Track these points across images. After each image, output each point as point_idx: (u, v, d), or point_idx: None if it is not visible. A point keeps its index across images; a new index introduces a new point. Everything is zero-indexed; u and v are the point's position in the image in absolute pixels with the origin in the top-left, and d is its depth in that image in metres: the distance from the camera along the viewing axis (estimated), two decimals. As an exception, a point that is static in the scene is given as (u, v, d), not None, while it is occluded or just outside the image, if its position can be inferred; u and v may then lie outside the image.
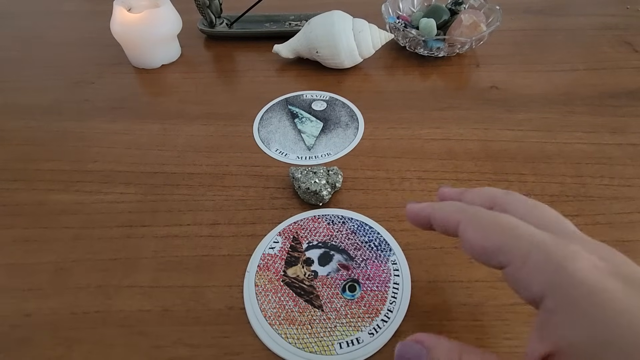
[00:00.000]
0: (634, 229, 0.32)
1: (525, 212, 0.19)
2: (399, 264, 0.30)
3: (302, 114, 0.43)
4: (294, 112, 0.44)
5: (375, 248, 0.31)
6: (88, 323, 0.28)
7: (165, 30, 0.49)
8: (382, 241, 0.31)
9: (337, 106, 0.44)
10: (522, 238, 0.17)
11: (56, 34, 0.58)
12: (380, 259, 0.30)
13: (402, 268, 0.30)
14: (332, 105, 0.44)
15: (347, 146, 0.39)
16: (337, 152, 0.39)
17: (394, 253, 0.31)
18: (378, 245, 0.31)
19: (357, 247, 0.31)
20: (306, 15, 0.56)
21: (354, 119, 0.42)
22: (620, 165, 0.37)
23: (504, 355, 0.25)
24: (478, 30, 0.47)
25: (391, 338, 0.26)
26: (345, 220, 0.33)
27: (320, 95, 0.46)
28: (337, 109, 0.44)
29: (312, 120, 0.43)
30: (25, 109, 0.45)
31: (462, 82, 0.47)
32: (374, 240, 0.31)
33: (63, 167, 0.38)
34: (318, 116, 0.43)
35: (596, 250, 0.17)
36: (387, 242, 0.31)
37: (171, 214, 0.34)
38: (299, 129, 0.42)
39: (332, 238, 0.32)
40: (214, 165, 0.38)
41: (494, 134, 0.40)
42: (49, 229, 0.33)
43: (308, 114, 0.43)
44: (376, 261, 0.30)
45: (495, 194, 0.22)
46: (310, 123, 0.42)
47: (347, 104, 0.44)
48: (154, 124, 0.43)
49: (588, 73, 0.47)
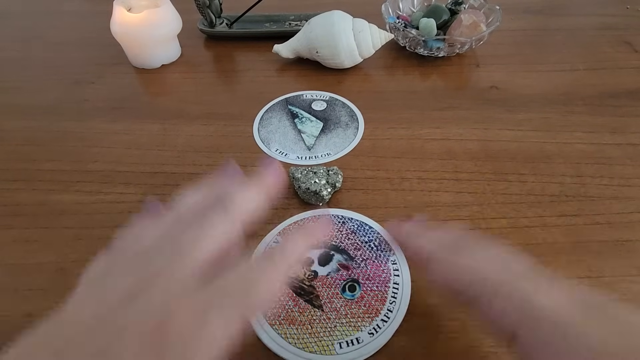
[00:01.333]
0: (633, 228, 0.32)
1: (483, 255, 0.20)
2: (399, 263, 0.30)
3: (302, 114, 0.43)
4: (294, 112, 0.44)
5: (375, 248, 0.31)
6: (88, 323, 0.28)
7: (165, 30, 0.49)
8: (382, 241, 0.31)
9: (337, 106, 0.44)
10: (487, 280, 0.18)
11: (56, 34, 0.58)
12: (380, 259, 0.30)
13: (402, 268, 0.30)
14: (332, 105, 0.44)
15: (347, 146, 0.39)
16: (337, 152, 0.39)
17: (394, 253, 0.31)
18: (378, 245, 0.31)
19: (357, 247, 0.31)
20: (306, 15, 0.56)
21: (354, 119, 0.42)
22: (620, 165, 0.37)
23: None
24: (478, 30, 0.47)
25: (391, 338, 0.26)
26: (345, 220, 0.33)
27: (320, 95, 0.46)
28: (337, 109, 0.44)
29: (312, 120, 0.42)
30: (25, 109, 0.45)
31: (462, 82, 0.47)
32: (373, 240, 0.32)
33: (63, 167, 0.38)
34: (318, 116, 0.43)
35: (553, 284, 0.18)
36: (387, 242, 0.31)
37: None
38: (299, 129, 0.41)
39: (332, 238, 0.32)
40: (214, 165, 0.38)
41: (494, 134, 0.40)
42: (49, 229, 0.33)
43: (308, 114, 0.43)
44: (376, 261, 0.30)
45: (456, 236, 0.22)
46: (310, 123, 0.42)
47: (347, 104, 0.44)
48: (154, 124, 0.43)
49: (588, 73, 0.47)
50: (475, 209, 0.34)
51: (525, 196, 0.34)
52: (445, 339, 0.26)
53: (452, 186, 0.35)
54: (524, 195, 0.34)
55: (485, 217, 0.33)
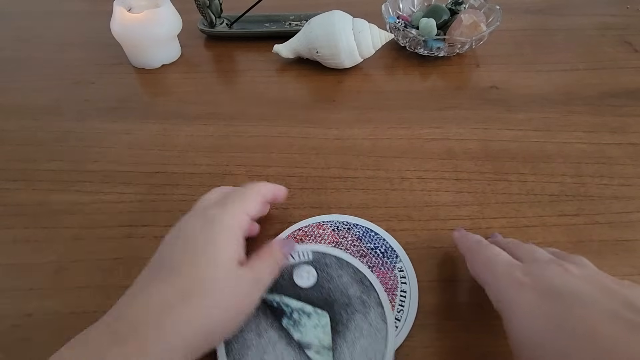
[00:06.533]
0: (633, 228, 0.32)
1: (514, 250, 0.26)
2: (406, 271, 0.29)
3: (288, 305, 0.26)
4: (273, 306, 0.26)
5: (382, 255, 0.30)
6: (88, 323, 0.27)
7: (165, 30, 0.49)
8: (388, 247, 0.31)
9: (331, 267, 0.28)
10: (498, 265, 0.24)
11: (56, 34, 0.58)
12: (387, 266, 0.30)
13: (409, 275, 0.29)
14: (324, 268, 0.28)
15: (384, 349, 0.24)
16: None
17: (401, 260, 0.30)
18: (384, 252, 0.31)
19: (363, 254, 0.30)
20: (306, 15, 0.56)
21: (367, 287, 0.27)
22: (620, 165, 0.37)
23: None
24: (478, 30, 0.47)
25: (400, 346, 0.26)
26: (350, 227, 0.32)
27: (301, 254, 0.29)
28: (333, 273, 0.28)
29: (308, 311, 0.26)
30: (25, 109, 0.45)
31: (462, 82, 0.47)
32: (380, 247, 0.31)
33: (63, 167, 0.38)
34: (313, 299, 0.26)
35: (532, 271, 0.23)
36: (393, 249, 0.31)
37: (171, 213, 0.34)
38: (297, 341, 0.25)
39: (337, 245, 0.31)
40: (214, 165, 0.38)
41: (494, 134, 0.40)
42: (49, 229, 0.33)
43: (297, 300, 0.27)
44: (382, 268, 0.30)
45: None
46: (307, 320, 0.26)
47: (341, 257, 0.29)
48: (154, 124, 0.43)
49: (588, 73, 0.47)
50: (475, 208, 0.34)
51: (525, 196, 0.34)
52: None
53: (452, 186, 0.35)
54: (524, 195, 0.34)
55: (485, 217, 0.33)
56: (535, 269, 0.22)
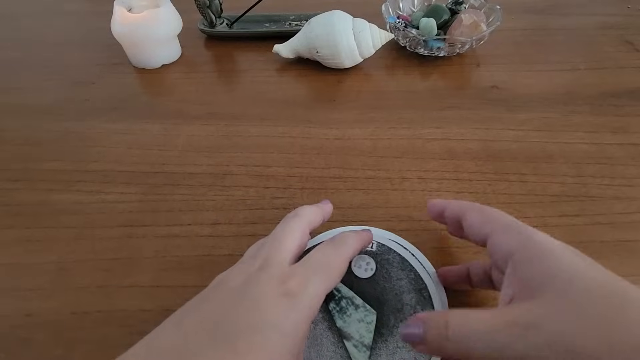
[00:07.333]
0: (635, 228, 0.32)
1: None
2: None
3: (340, 290, 0.26)
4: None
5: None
6: (89, 323, 0.28)
7: (165, 30, 0.49)
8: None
9: (392, 266, 0.27)
10: (504, 217, 0.24)
11: (56, 34, 0.58)
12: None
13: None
14: (385, 264, 0.27)
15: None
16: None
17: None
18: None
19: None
20: (306, 15, 0.56)
21: (423, 295, 0.26)
22: (622, 165, 0.36)
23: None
24: (478, 30, 0.47)
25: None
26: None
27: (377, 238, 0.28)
28: (392, 273, 0.27)
29: (357, 303, 0.25)
30: (25, 109, 0.45)
31: (462, 82, 0.47)
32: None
33: (64, 167, 0.38)
34: (365, 293, 0.26)
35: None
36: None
37: (172, 213, 0.34)
38: (341, 331, 0.24)
39: None
40: (214, 165, 0.38)
41: (495, 134, 0.40)
42: (50, 229, 0.33)
43: (349, 287, 0.26)
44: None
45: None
46: (355, 312, 0.25)
47: (407, 258, 0.27)
48: (155, 124, 0.43)
49: (589, 72, 0.47)
50: (476, 208, 0.34)
51: (526, 196, 0.34)
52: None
53: (453, 186, 0.35)
54: (525, 195, 0.34)
55: (486, 217, 0.33)
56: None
